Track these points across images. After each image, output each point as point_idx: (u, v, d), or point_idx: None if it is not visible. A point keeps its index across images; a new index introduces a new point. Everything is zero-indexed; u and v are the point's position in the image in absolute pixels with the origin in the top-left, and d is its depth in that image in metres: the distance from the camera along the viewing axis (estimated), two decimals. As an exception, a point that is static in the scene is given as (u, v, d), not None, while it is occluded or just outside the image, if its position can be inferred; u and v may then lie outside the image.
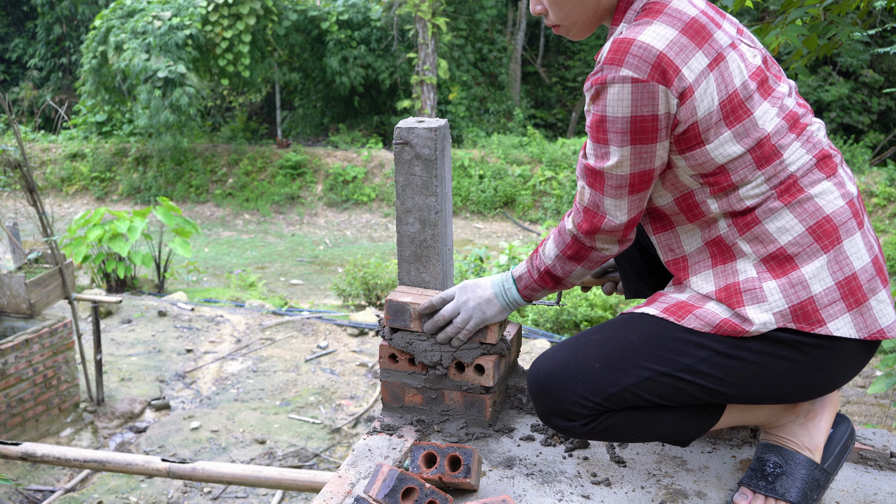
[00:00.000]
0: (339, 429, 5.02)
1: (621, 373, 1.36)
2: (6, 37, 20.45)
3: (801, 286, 1.30)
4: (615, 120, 1.29)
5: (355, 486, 1.52)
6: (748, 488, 1.43)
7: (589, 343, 1.42)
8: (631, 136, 1.29)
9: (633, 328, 1.40)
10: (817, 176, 1.33)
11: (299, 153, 15.47)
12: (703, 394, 1.35)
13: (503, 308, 1.60)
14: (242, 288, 9.44)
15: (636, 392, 1.36)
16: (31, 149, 15.95)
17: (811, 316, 1.30)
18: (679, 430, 1.44)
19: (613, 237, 1.42)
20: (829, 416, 1.45)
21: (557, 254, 1.49)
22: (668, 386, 1.35)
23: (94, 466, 2.91)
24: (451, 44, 16.37)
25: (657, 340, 1.36)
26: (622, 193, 1.36)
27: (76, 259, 7.98)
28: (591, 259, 1.47)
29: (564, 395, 1.38)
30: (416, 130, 1.75)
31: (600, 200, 1.38)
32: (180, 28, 13.99)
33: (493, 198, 14.02)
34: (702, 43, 1.28)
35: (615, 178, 1.34)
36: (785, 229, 1.32)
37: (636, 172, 1.33)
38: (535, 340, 6.97)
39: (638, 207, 1.39)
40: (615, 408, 1.38)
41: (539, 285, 1.55)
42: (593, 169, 1.36)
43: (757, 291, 1.32)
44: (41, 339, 4.81)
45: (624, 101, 1.27)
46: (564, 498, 1.48)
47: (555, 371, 1.41)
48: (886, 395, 4.75)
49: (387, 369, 1.76)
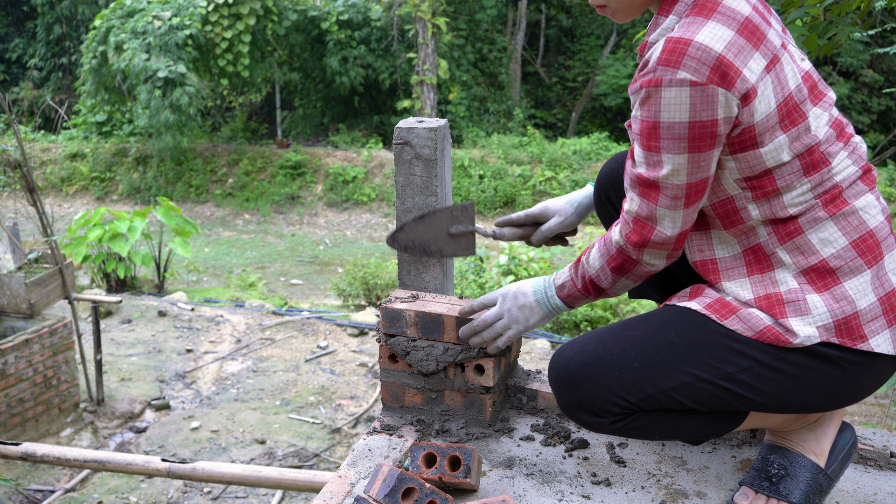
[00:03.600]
0: (339, 429, 5.02)
1: (661, 375, 1.32)
2: (6, 37, 20.45)
3: (845, 301, 1.28)
4: (671, 126, 1.23)
5: (355, 486, 1.52)
6: (750, 488, 1.43)
7: (627, 339, 1.37)
8: (689, 144, 1.23)
9: (674, 328, 1.35)
10: (861, 188, 1.31)
11: (299, 153, 15.47)
12: (738, 402, 1.33)
13: (546, 315, 1.55)
14: (242, 288, 9.44)
15: (673, 396, 1.33)
16: (31, 149, 15.95)
17: (854, 331, 1.28)
18: (701, 434, 1.43)
19: (663, 251, 1.37)
20: (837, 422, 1.45)
21: (602, 265, 1.43)
22: (707, 392, 1.32)
23: (94, 466, 2.91)
24: (451, 44, 16.37)
25: (700, 345, 1.32)
26: (678, 205, 1.29)
27: (76, 259, 7.98)
28: (636, 273, 1.41)
29: (598, 392, 1.35)
30: (416, 130, 1.75)
31: (653, 212, 1.32)
32: (180, 28, 13.99)
33: (493, 198, 14.02)
34: (758, 44, 1.23)
35: (671, 188, 1.28)
36: (828, 241, 1.29)
37: (693, 182, 1.27)
38: (535, 340, 6.97)
39: (691, 220, 1.33)
40: (648, 409, 1.35)
41: (582, 294, 1.50)
42: (646, 179, 1.30)
43: (801, 304, 1.29)
44: (41, 339, 4.81)
45: (682, 106, 1.21)
46: (564, 498, 1.48)
47: (588, 364, 1.36)
48: (886, 395, 4.75)
49: (387, 369, 1.76)
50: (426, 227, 1.75)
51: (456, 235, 1.77)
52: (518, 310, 1.55)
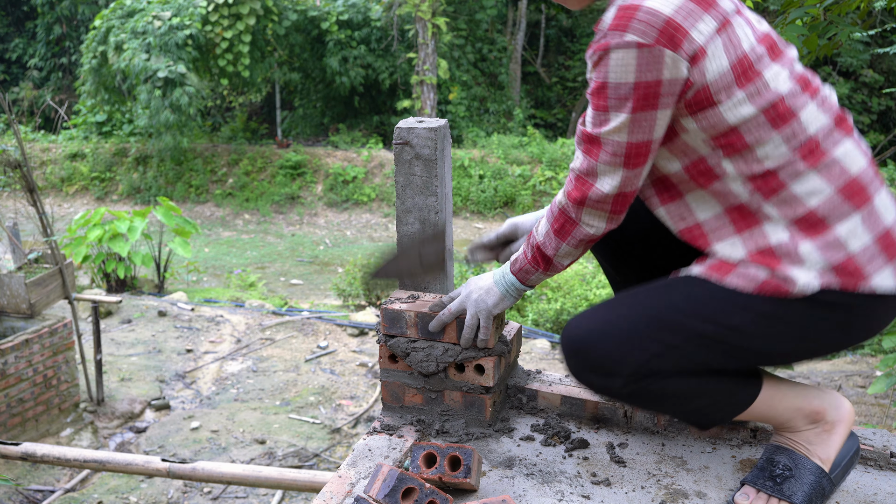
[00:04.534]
0: (339, 429, 5.02)
1: (667, 332, 1.34)
2: (6, 37, 20.45)
3: (838, 246, 1.29)
4: (618, 86, 1.27)
5: (355, 486, 1.52)
6: (752, 487, 1.43)
7: (633, 302, 1.40)
8: (633, 103, 1.27)
9: (678, 290, 1.38)
10: (838, 137, 1.32)
11: (299, 153, 15.47)
12: (745, 356, 1.34)
13: (503, 295, 1.58)
14: (242, 288, 9.44)
15: (681, 353, 1.34)
16: (31, 149, 15.96)
17: (853, 274, 1.28)
18: (712, 409, 1.43)
19: (601, 210, 1.39)
20: (846, 431, 1.45)
21: (547, 229, 1.47)
22: (712, 347, 1.34)
23: (94, 466, 2.91)
24: (451, 44, 16.37)
25: (702, 301, 1.34)
26: (617, 162, 1.33)
27: (76, 259, 7.99)
28: (576, 236, 1.44)
29: (606, 351, 1.36)
30: (416, 130, 1.75)
31: (593, 167, 1.36)
32: (180, 28, 14.00)
33: (493, 198, 14.02)
34: (707, 7, 1.27)
35: (612, 144, 1.32)
36: (814, 192, 1.30)
37: (634, 143, 1.31)
38: (535, 340, 6.97)
39: (632, 185, 1.36)
40: (658, 369, 1.36)
41: (532, 266, 1.52)
42: (590, 135, 1.34)
43: (794, 254, 1.30)
44: (41, 339, 4.81)
45: (628, 67, 1.25)
46: (564, 498, 1.48)
47: (597, 328, 1.38)
48: (886, 395, 4.75)
49: (387, 369, 1.76)
50: (399, 263, 1.82)
51: (428, 264, 1.82)
52: (476, 292, 1.60)
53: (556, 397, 1.79)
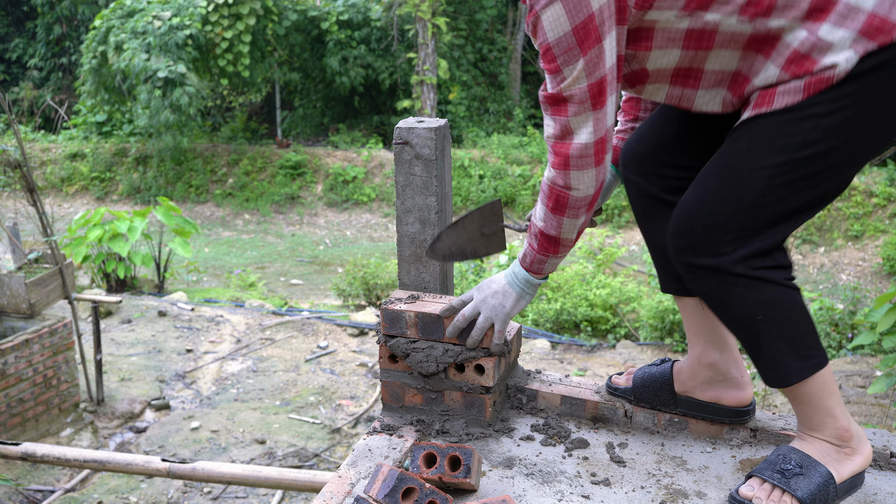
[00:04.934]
0: (339, 429, 5.02)
1: (749, 181, 1.34)
2: (6, 37, 20.45)
3: (853, 12, 1.27)
4: (559, 41, 1.31)
5: (355, 486, 1.52)
6: (759, 478, 1.43)
7: (711, 174, 1.41)
8: (580, 49, 1.30)
9: (738, 140, 1.37)
10: None
11: (299, 153, 15.47)
12: (824, 169, 1.33)
13: (519, 295, 1.58)
14: (242, 288, 9.44)
15: (770, 199, 1.34)
16: (31, 149, 15.96)
17: (881, 28, 1.26)
18: (801, 346, 1.40)
19: (585, 165, 1.40)
20: (861, 466, 1.46)
21: (544, 211, 1.49)
22: (794, 174, 1.32)
23: (94, 466, 2.91)
24: (451, 44, 16.37)
25: (762, 136, 1.34)
26: (585, 108, 1.36)
27: (76, 259, 7.99)
28: (573, 206, 1.45)
29: (706, 229, 1.37)
30: (416, 130, 1.75)
31: (566, 124, 1.38)
32: (180, 28, 14.00)
33: (492, 198, 14.02)
34: None
35: (576, 94, 1.35)
36: None
37: (594, 82, 1.33)
38: (535, 340, 6.97)
39: (603, 125, 1.38)
40: (759, 227, 1.35)
41: (542, 254, 1.53)
42: (553, 95, 1.37)
43: (819, 43, 1.29)
44: (41, 339, 4.81)
45: (560, 19, 1.29)
46: (564, 498, 1.48)
47: (686, 210, 1.41)
48: (886, 395, 4.75)
49: (387, 369, 1.76)
50: (460, 232, 1.78)
51: (488, 234, 1.78)
52: (492, 297, 1.60)
53: (556, 397, 1.79)
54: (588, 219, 1.51)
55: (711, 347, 1.64)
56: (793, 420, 1.70)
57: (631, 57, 1.42)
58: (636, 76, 1.46)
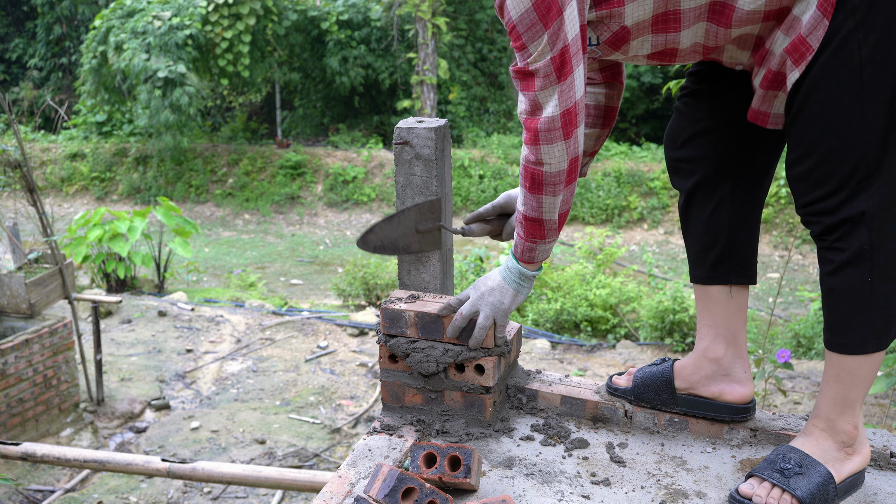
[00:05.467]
0: (339, 429, 5.02)
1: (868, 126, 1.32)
2: (6, 37, 20.45)
3: None
4: (522, 18, 1.34)
5: (355, 486, 1.52)
6: (758, 477, 1.44)
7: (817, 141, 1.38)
8: (542, 23, 1.33)
9: (811, 106, 1.36)
10: None
11: (299, 153, 15.47)
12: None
13: (516, 290, 1.59)
14: (242, 288, 9.44)
15: (883, 126, 1.32)
16: (31, 149, 15.96)
17: None
18: (883, 319, 1.39)
19: (554, 139, 1.41)
20: (860, 466, 1.46)
21: (524, 192, 1.50)
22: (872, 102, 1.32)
23: (94, 466, 2.91)
24: (451, 44, 16.36)
25: (827, 79, 1.32)
26: (551, 80, 1.38)
27: (76, 259, 7.99)
28: (547, 181, 1.46)
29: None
30: (416, 130, 1.75)
31: (534, 99, 1.40)
32: (180, 28, 14.00)
33: (493, 198, 14.01)
34: None
35: (541, 67, 1.37)
36: None
37: (556, 55, 1.35)
38: (535, 340, 6.97)
39: (568, 97, 1.39)
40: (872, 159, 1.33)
41: (529, 241, 1.53)
42: (522, 69, 1.40)
43: None
44: (41, 339, 4.81)
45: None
46: (564, 498, 1.48)
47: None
48: (886, 395, 4.75)
49: (387, 369, 1.76)
50: (395, 227, 1.78)
51: (423, 231, 1.78)
52: (490, 294, 1.60)
53: (556, 397, 1.79)
54: (569, 198, 1.51)
55: (720, 342, 1.65)
56: (793, 420, 1.70)
57: (607, 17, 1.43)
58: (618, 37, 1.46)
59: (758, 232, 1.66)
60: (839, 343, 1.43)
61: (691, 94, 1.63)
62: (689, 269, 1.71)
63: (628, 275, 9.73)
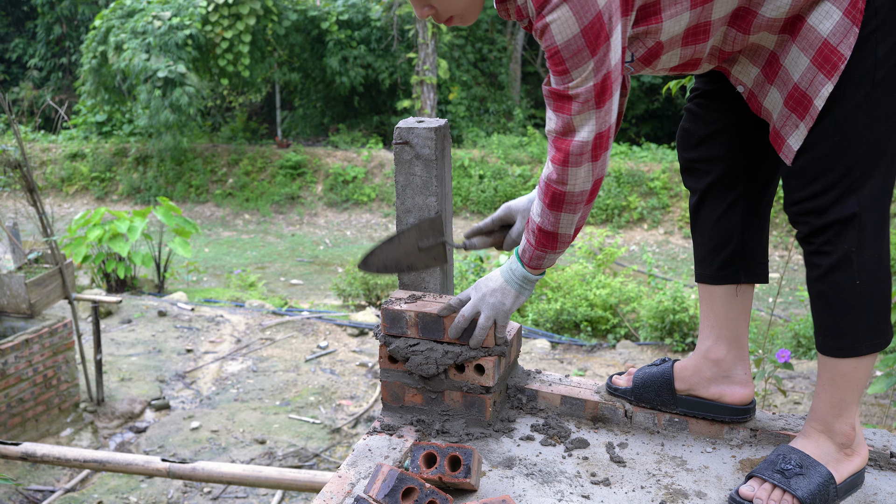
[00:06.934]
0: (339, 429, 5.02)
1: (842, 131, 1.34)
2: (6, 37, 20.45)
3: None
4: (569, 44, 1.30)
5: (355, 486, 1.52)
6: (759, 478, 1.43)
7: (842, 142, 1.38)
8: (589, 50, 1.30)
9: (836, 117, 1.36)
10: None
11: (299, 153, 15.47)
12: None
13: (518, 292, 1.58)
14: (242, 288, 9.44)
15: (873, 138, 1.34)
16: (31, 149, 15.96)
17: None
18: (875, 321, 1.40)
19: (584, 161, 1.40)
20: (859, 467, 1.47)
21: (541, 207, 1.48)
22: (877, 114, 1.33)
23: (94, 466, 2.91)
24: (451, 44, 16.36)
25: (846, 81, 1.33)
26: (589, 106, 1.35)
27: (76, 259, 7.99)
28: (568, 201, 1.44)
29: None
30: (416, 130, 1.75)
31: (568, 122, 1.37)
32: (180, 28, 14.00)
33: (493, 198, 14.02)
34: None
35: (582, 93, 1.34)
36: None
37: (598, 81, 1.33)
38: (535, 340, 6.97)
39: (605, 122, 1.38)
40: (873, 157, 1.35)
41: (540, 250, 1.52)
42: (559, 91, 1.36)
43: None
44: (41, 339, 4.81)
45: (568, 22, 1.28)
46: (564, 498, 1.48)
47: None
48: (886, 395, 4.75)
49: (387, 369, 1.76)
50: (396, 247, 1.78)
51: (425, 248, 1.79)
52: (491, 295, 1.60)
53: (556, 397, 1.79)
54: (586, 214, 1.50)
55: (722, 343, 1.65)
56: (793, 420, 1.70)
57: (643, 34, 1.41)
58: (652, 53, 1.45)
59: (768, 230, 1.66)
60: (832, 347, 1.43)
61: (703, 94, 1.63)
62: (695, 268, 1.71)
63: (628, 275, 9.73)
